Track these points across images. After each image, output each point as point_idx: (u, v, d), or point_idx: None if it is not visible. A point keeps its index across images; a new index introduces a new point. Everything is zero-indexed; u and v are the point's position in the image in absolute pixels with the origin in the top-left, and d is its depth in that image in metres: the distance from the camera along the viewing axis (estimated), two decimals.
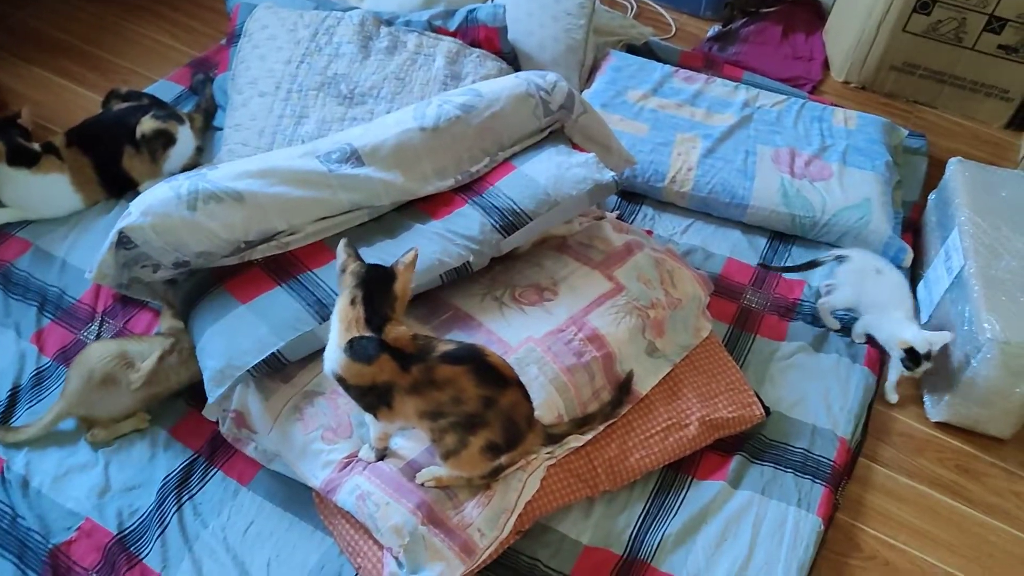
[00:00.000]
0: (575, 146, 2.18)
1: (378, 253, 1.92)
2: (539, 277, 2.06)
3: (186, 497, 1.84)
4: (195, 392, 1.95)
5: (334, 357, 1.61)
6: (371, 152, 1.98)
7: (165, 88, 2.77)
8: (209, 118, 2.67)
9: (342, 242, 1.66)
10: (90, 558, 1.73)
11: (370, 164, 1.97)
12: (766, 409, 2.07)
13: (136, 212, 1.83)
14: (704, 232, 2.56)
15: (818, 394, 2.16)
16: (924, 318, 2.38)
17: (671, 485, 1.96)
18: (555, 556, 1.82)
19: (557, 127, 2.17)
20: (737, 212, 2.54)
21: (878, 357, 2.28)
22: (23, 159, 2.24)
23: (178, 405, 1.99)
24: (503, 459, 1.72)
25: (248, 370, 1.77)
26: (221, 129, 2.65)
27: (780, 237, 2.57)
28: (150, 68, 2.95)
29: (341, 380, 1.62)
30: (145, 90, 2.70)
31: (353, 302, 1.59)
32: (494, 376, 1.63)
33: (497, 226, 1.97)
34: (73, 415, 1.89)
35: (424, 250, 1.94)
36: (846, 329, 2.32)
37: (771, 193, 2.52)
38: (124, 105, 2.48)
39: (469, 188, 2.05)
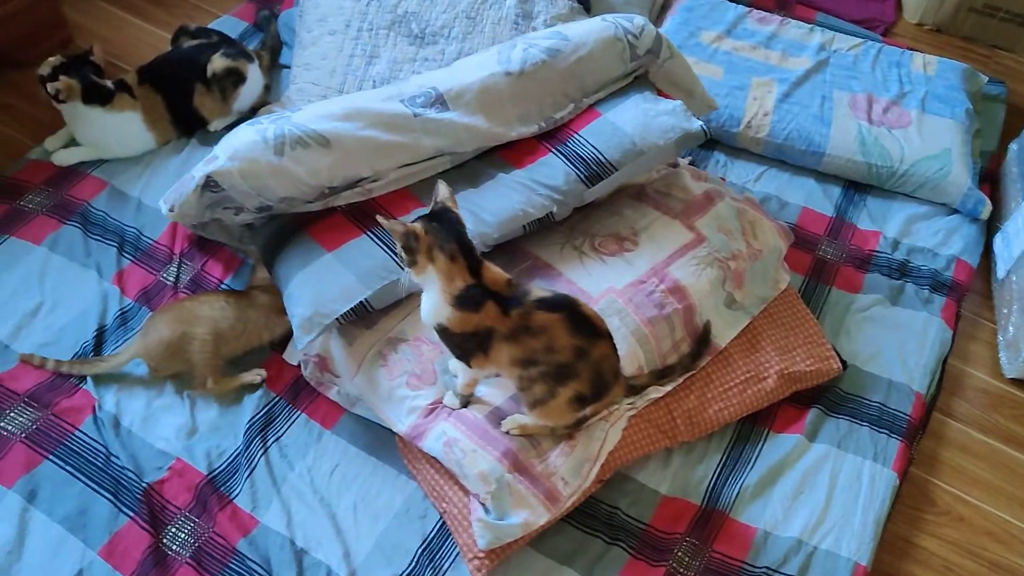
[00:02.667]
0: (660, 92, 2.14)
1: (462, 202, 1.89)
2: (619, 227, 2.04)
3: (272, 439, 1.87)
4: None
5: (440, 311, 1.61)
6: (456, 96, 1.95)
7: (229, 24, 2.73)
8: (275, 56, 2.64)
9: (394, 222, 1.60)
10: (182, 497, 1.77)
11: (455, 108, 1.94)
12: (843, 363, 2.06)
13: (223, 156, 1.82)
14: (778, 180, 2.52)
15: (894, 348, 2.14)
16: (1001, 273, 2.34)
17: (748, 438, 1.97)
18: (634, 504, 1.84)
19: (641, 72, 2.13)
20: (813, 160, 2.50)
21: (955, 311, 2.25)
22: (97, 97, 2.22)
23: (260, 349, 2.00)
24: (587, 410, 1.73)
25: (336, 318, 1.78)
26: (286, 67, 2.62)
27: (855, 186, 2.52)
28: (212, 3, 2.91)
29: (444, 330, 1.63)
30: (209, 26, 2.67)
31: (452, 257, 1.59)
32: (587, 327, 1.63)
33: (582, 176, 1.95)
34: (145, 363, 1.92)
35: (508, 200, 1.93)
36: (924, 281, 2.29)
37: (848, 141, 2.47)
38: (194, 42, 2.45)
39: (552, 136, 2.02)
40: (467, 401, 1.80)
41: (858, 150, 2.46)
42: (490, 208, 1.90)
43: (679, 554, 1.78)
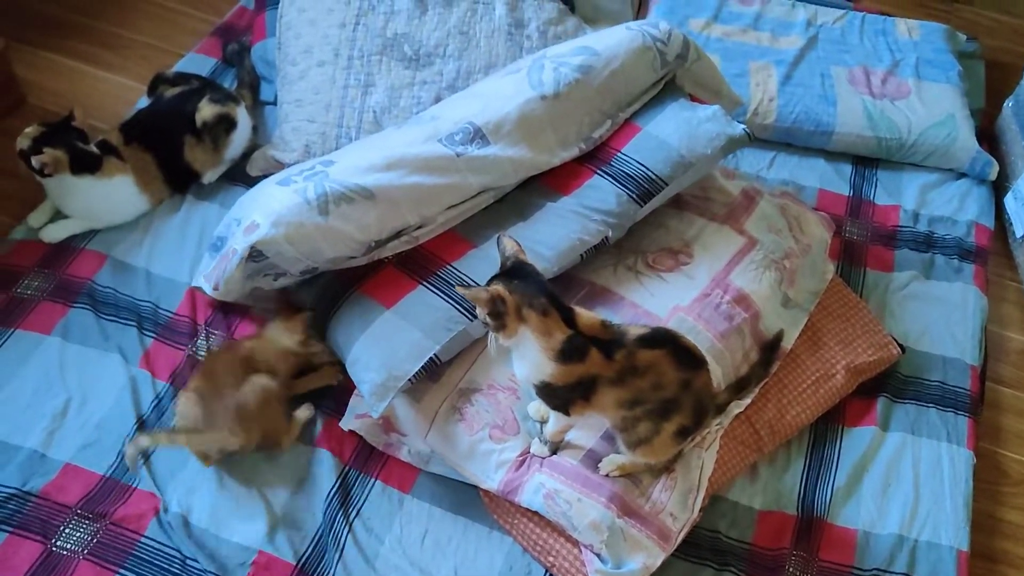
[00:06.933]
0: (692, 97, 2.08)
1: (515, 237, 1.81)
2: (668, 240, 1.99)
3: (353, 514, 1.76)
4: (325, 400, 1.86)
5: (542, 369, 1.53)
6: (495, 129, 1.85)
7: (196, 62, 2.54)
8: (255, 93, 2.47)
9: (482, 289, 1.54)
10: None
11: (496, 142, 1.85)
12: (900, 347, 2.05)
13: (265, 223, 1.69)
14: (789, 164, 2.49)
15: (940, 323, 2.15)
16: (1020, 231, 2.38)
17: (824, 437, 1.95)
18: (734, 525, 1.81)
19: (669, 77, 2.06)
20: (822, 140, 2.48)
21: (984, 276, 2.28)
22: (87, 165, 2.03)
23: (314, 418, 1.88)
24: (686, 441, 1.68)
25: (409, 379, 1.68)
26: (269, 103, 2.47)
27: (864, 161, 2.52)
28: (168, 40, 2.71)
29: (547, 386, 1.55)
30: (176, 67, 2.49)
31: (545, 312, 1.50)
32: (689, 358, 1.58)
33: (633, 196, 1.88)
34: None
35: (561, 229, 1.86)
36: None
37: (856, 117, 2.46)
38: (175, 90, 2.27)
39: (594, 156, 1.94)
40: (556, 447, 1.72)
41: (867, 125, 2.46)
42: (545, 241, 1.82)
43: (790, 570, 1.75)
